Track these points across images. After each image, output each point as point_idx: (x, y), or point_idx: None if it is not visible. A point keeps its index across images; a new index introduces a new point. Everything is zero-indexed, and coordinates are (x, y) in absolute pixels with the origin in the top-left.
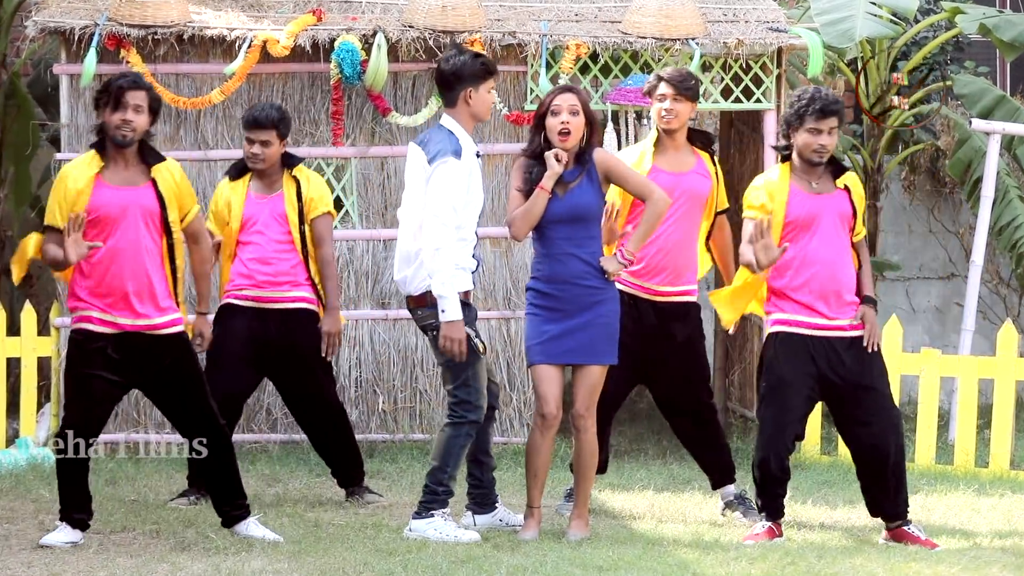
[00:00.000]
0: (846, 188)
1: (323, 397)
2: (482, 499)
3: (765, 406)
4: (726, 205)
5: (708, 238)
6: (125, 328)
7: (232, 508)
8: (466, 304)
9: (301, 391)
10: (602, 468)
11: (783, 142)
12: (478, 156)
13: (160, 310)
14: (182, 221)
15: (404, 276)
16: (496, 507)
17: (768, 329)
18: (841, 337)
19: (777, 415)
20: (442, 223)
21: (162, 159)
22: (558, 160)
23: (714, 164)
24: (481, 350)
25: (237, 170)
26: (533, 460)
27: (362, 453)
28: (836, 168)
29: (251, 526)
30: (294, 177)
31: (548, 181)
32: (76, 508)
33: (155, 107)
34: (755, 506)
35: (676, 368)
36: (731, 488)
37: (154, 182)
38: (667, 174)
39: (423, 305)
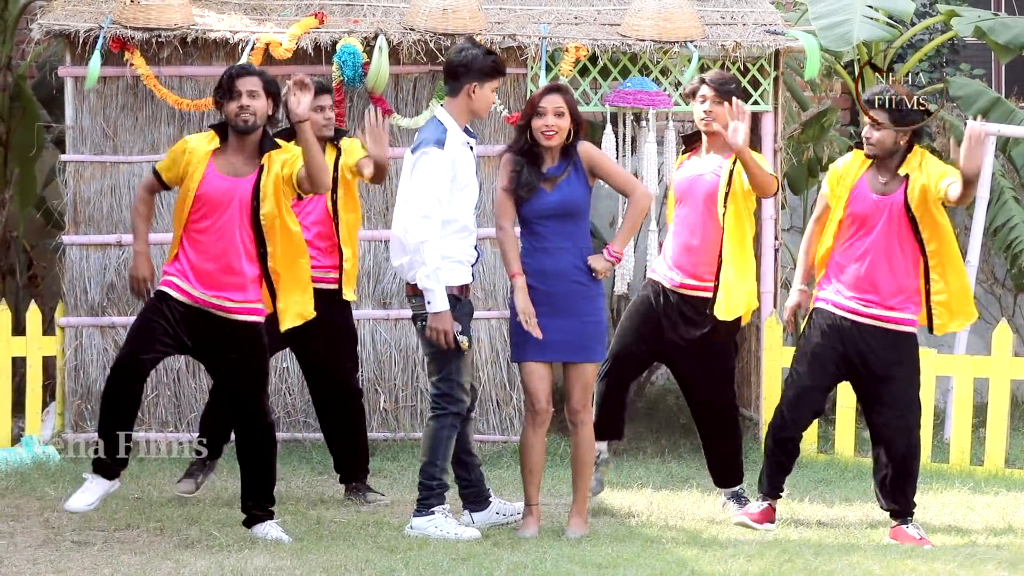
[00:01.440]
0: (906, 177)
1: (343, 378)
2: (475, 497)
3: (790, 373)
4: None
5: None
6: (202, 303)
7: (257, 508)
8: (458, 299)
9: (324, 370)
10: (618, 434)
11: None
12: (471, 148)
13: (238, 298)
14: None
15: (401, 264)
16: (491, 502)
17: (812, 304)
18: (873, 327)
19: (799, 383)
20: (425, 215)
21: (276, 146)
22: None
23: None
24: (465, 346)
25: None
26: (528, 458)
27: (368, 449)
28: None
29: (268, 527)
30: (337, 147)
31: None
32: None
33: (272, 91)
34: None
35: (698, 360)
36: (734, 487)
37: (259, 173)
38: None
39: (417, 294)
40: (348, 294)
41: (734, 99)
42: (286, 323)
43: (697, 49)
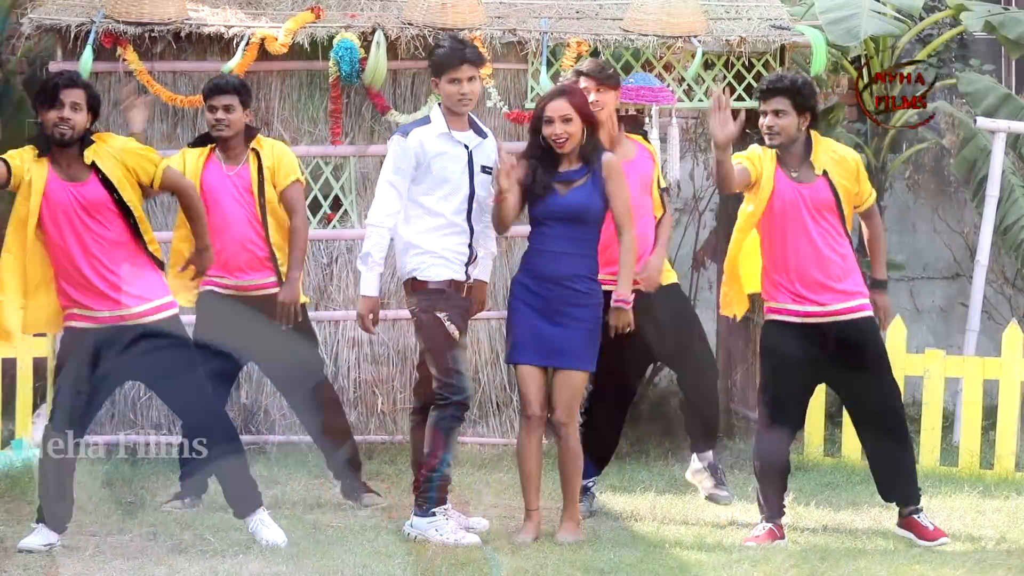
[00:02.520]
0: (824, 173)
1: (311, 371)
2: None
3: (761, 396)
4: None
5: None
6: (106, 321)
7: (242, 499)
8: (441, 291)
9: (289, 368)
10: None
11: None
12: (465, 147)
13: (138, 298)
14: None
15: (395, 263)
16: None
17: (764, 318)
18: (832, 323)
19: (772, 403)
20: (377, 199)
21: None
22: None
23: (649, 142)
24: (454, 333)
25: (199, 140)
26: (524, 463)
27: (361, 454)
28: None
29: (261, 523)
30: (254, 149)
31: (504, 185)
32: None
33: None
34: (725, 481)
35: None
36: (708, 454)
37: (96, 170)
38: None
39: (407, 291)
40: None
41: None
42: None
43: (701, 44)
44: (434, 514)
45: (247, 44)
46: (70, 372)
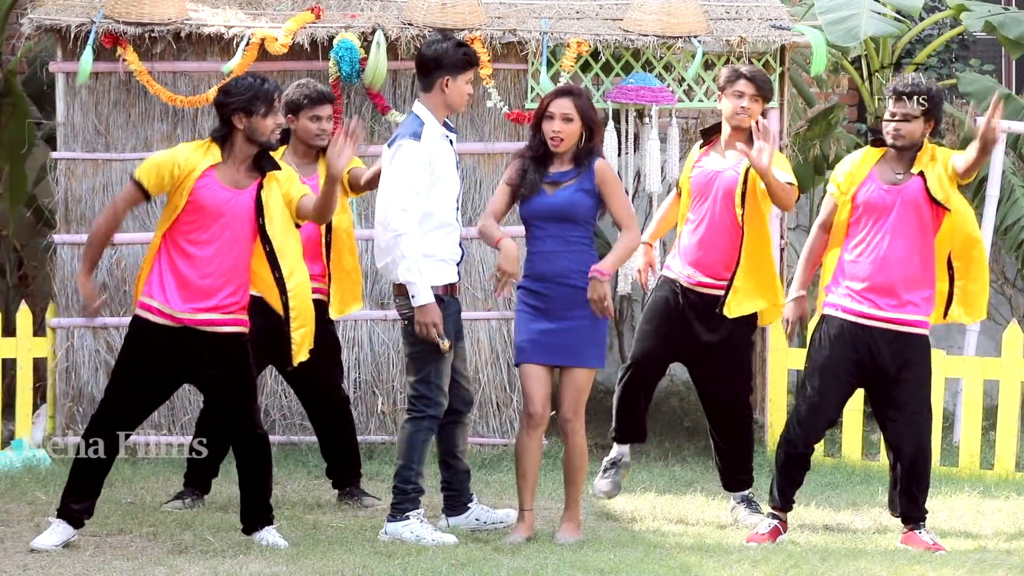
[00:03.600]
0: (921, 174)
1: (332, 385)
2: (453, 502)
3: (801, 388)
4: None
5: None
6: (184, 322)
7: (254, 519)
8: (441, 299)
9: (312, 378)
10: (641, 437)
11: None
12: (451, 143)
13: (223, 308)
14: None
15: (385, 264)
16: (469, 508)
17: (820, 311)
18: (885, 330)
19: (812, 398)
20: (402, 208)
21: (277, 167)
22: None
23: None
24: (445, 347)
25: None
26: (521, 461)
27: (361, 455)
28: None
29: (266, 533)
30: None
31: (505, 263)
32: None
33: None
34: (760, 509)
35: (715, 361)
36: (743, 491)
37: (259, 185)
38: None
39: (401, 293)
40: (333, 312)
41: (760, 119)
42: (300, 356)
43: (701, 44)
44: (408, 518)
45: (247, 44)
46: (135, 367)
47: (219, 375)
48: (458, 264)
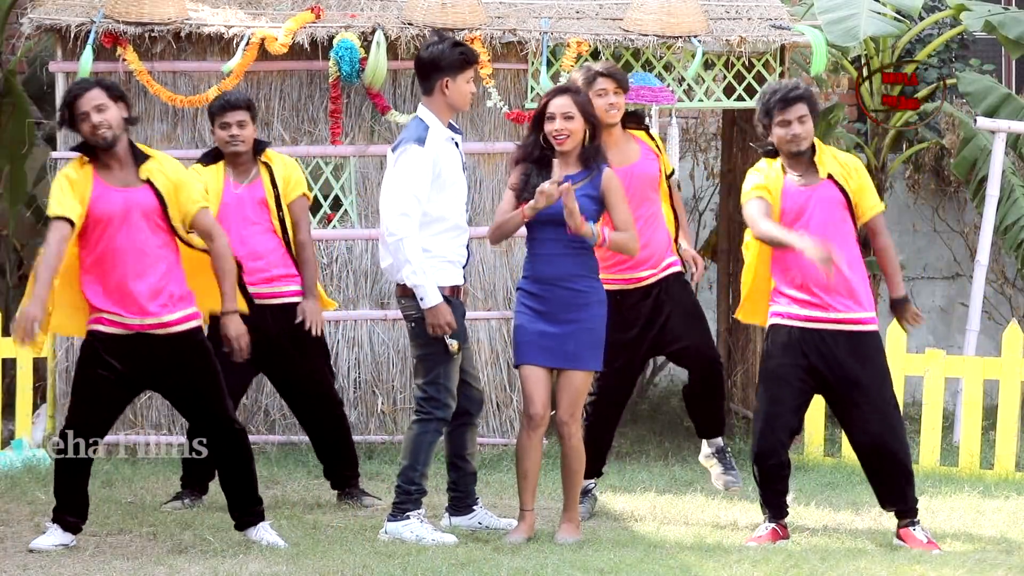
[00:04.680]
0: (829, 177)
1: (323, 390)
2: (458, 502)
3: (758, 400)
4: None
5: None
6: (134, 328)
7: (246, 512)
8: (448, 300)
9: (303, 384)
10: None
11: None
12: (456, 145)
13: (169, 308)
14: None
15: (388, 265)
16: (475, 510)
17: (768, 322)
18: (836, 331)
19: (767, 407)
20: (402, 212)
21: (146, 157)
22: (546, 193)
23: (652, 139)
24: (454, 348)
25: (209, 157)
26: (522, 462)
27: (361, 455)
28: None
29: (262, 531)
30: (264, 163)
31: (531, 211)
32: (70, 510)
33: (118, 94)
34: (733, 465)
35: (679, 327)
36: (718, 440)
37: (150, 182)
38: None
39: (407, 295)
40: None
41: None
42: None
43: (701, 44)
44: (408, 517)
45: (247, 44)
46: (92, 377)
47: (181, 378)
48: (464, 267)
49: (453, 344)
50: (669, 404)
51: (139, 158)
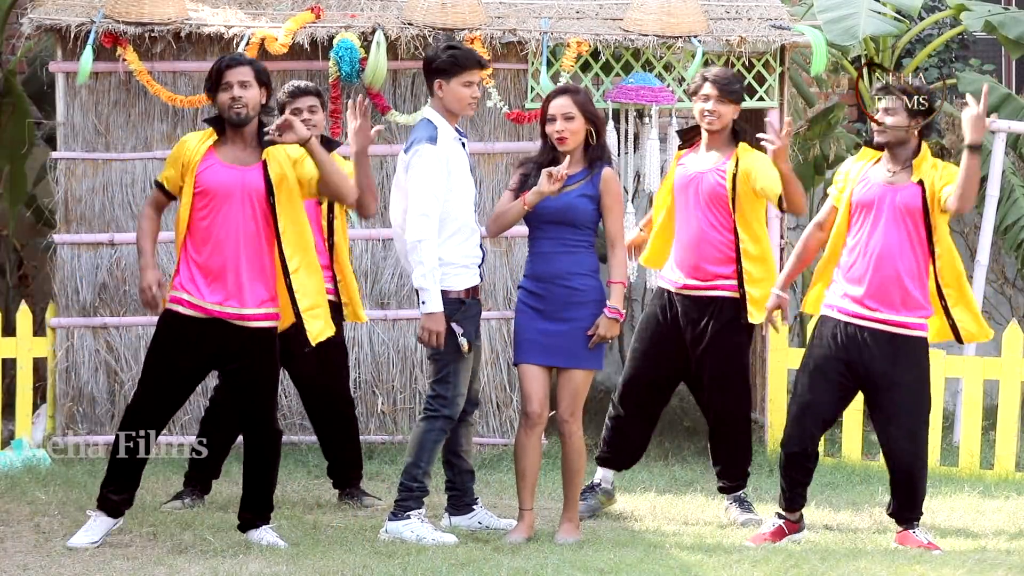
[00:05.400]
0: (920, 183)
1: (339, 390)
2: (457, 501)
3: (795, 387)
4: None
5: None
6: (213, 314)
7: (256, 515)
8: (462, 301)
9: (321, 382)
10: (624, 465)
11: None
12: (463, 145)
13: (257, 302)
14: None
15: (406, 266)
16: (474, 509)
17: (819, 311)
18: (880, 331)
19: (803, 396)
20: (423, 213)
21: (271, 143)
22: (553, 177)
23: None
24: (465, 349)
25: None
26: (520, 461)
27: (362, 455)
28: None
29: (262, 531)
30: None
31: (533, 197)
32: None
33: (264, 80)
34: (752, 508)
35: (709, 362)
36: (738, 492)
37: (264, 164)
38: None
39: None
40: (348, 315)
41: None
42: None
43: (701, 44)
44: (409, 517)
45: (247, 44)
46: (163, 360)
47: (243, 367)
48: (480, 265)
49: (464, 343)
50: (669, 405)
51: (264, 145)
